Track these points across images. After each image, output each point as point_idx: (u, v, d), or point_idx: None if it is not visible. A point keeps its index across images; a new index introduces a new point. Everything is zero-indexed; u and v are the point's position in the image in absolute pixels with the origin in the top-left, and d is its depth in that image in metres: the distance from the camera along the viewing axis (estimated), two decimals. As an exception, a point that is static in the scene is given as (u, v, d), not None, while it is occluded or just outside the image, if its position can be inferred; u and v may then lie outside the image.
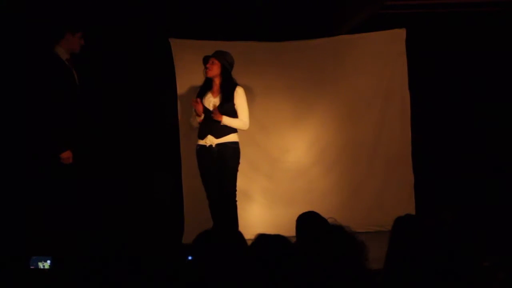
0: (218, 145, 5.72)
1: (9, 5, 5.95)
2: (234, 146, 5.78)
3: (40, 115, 5.19)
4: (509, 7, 6.85)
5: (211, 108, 5.73)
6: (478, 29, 7.28)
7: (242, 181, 6.35)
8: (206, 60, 5.78)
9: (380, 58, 6.84)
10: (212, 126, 5.70)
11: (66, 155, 5.19)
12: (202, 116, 5.73)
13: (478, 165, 7.24)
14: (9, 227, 5.57)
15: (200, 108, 5.70)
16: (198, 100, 5.73)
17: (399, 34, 6.81)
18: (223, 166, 5.74)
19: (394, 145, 6.88)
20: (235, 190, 5.83)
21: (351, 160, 6.87)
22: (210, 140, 5.72)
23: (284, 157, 6.87)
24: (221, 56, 5.71)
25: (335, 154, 6.88)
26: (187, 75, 6.55)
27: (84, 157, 5.36)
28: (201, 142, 5.78)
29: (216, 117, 5.65)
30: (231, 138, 5.75)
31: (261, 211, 6.65)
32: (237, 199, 5.90)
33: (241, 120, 5.78)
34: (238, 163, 5.84)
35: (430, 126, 7.30)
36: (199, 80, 6.06)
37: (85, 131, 5.43)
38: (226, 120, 5.69)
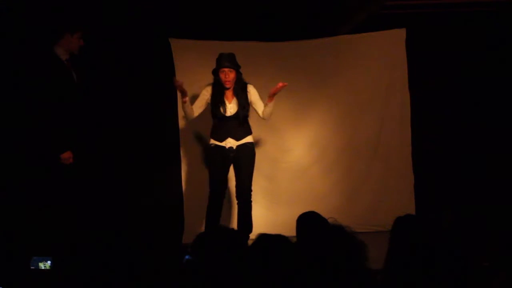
0: (238, 146, 5.75)
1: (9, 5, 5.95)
2: (252, 146, 5.82)
3: (39, 115, 5.18)
4: (509, 7, 6.85)
5: (228, 114, 5.69)
6: (478, 29, 7.28)
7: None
8: (217, 71, 5.67)
9: (380, 58, 6.85)
10: (232, 129, 5.72)
11: (67, 156, 5.18)
12: (186, 99, 5.62)
13: (478, 165, 7.24)
14: (9, 227, 5.56)
15: (182, 89, 5.60)
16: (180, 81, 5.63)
17: (399, 34, 6.81)
18: (241, 166, 5.77)
19: (394, 145, 6.89)
20: (251, 190, 5.83)
21: (351, 160, 6.87)
22: (231, 143, 5.73)
23: (284, 157, 6.87)
24: (233, 63, 5.67)
25: (335, 154, 6.88)
26: (187, 75, 6.54)
27: (84, 157, 5.36)
28: (220, 143, 5.76)
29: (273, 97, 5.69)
30: (249, 139, 5.81)
31: (261, 211, 6.64)
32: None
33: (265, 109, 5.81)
34: (254, 162, 5.86)
35: (430, 126, 7.30)
36: (199, 80, 6.06)
37: (85, 132, 5.42)
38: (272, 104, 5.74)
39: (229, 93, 5.74)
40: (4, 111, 6.02)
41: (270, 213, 6.70)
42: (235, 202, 5.95)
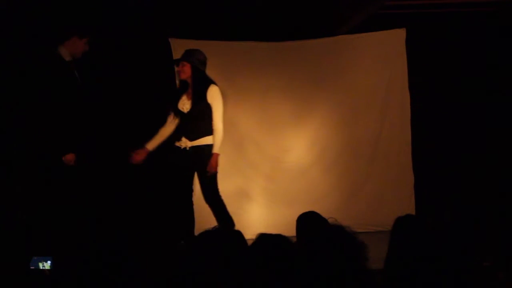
0: (193, 147, 5.54)
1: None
2: (211, 148, 5.53)
3: (41, 116, 5.18)
4: (508, 7, 6.85)
5: (185, 111, 5.60)
6: (477, 29, 7.28)
7: (242, 181, 6.34)
8: (177, 63, 5.65)
9: (380, 58, 6.85)
10: (185, 127, 5.56)
11: (69, 158, 5.16)
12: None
13: (478, 165, 7.25)
14: (9, 227, 5.56)
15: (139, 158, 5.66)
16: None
17: (399, 34, 6.81)
18: (200, 169, 5.53)
19: (394, 145, 6.89)
20: (218, 191, 5.64)
21: (351, 160, 6.87)
22: (185, 143, 5.56)
23: (284, 157, 6.87)
24: (190, 56, 5.54)
25: (335, 154, 6.88)
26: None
27: (85, 157, 5.36)
28: (177, 143, 5.61)
29: (214, 168, 5.48)
30: (206, 140, 5.55)
31: (261, 211, 6.64)
32: (221, 197, 5.70)
33: (216, 131, 5.53)
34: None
35: (430, 126, 7.30)
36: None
37: (86, 132, 5.41)
38: (218, 149, 5.51)
39: (189, 90, 5.60)
40: (5, 111, 6.02)
41: (270, 213, 6.69)
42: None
